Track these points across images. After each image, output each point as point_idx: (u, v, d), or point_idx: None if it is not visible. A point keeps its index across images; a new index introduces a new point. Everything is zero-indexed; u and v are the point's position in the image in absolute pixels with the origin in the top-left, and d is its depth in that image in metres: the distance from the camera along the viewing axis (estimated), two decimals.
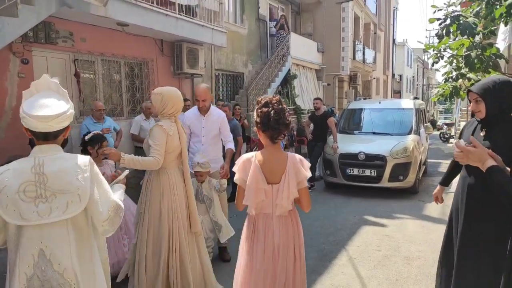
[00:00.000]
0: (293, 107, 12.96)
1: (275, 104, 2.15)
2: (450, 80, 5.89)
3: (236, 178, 2.22)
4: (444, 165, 10.15)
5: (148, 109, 6.37)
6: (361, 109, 8.95)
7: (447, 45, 5.70)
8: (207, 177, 3.85)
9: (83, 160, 1.74)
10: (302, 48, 14.13)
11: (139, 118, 6.29)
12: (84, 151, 3.55)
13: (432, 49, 5.77)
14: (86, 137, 3.50)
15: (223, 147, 4.16)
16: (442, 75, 6.23)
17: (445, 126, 21.53)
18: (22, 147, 5.26)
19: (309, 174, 2.18)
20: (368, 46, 20.76)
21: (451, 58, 5.80)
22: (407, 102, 8.76)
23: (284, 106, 2.19)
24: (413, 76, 40.26)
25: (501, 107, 2.19)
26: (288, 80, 13.07)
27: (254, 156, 2.18)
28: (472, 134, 2.32)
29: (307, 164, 2.21)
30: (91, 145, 3.46)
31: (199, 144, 4.00)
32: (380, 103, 9.13)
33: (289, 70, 13.07)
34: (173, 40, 8.46)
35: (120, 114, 7.84)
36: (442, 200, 2.86)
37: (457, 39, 5.56)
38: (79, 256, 1.70)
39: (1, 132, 5.72)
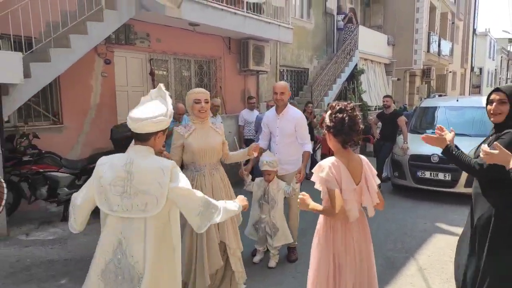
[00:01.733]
0: (359, 103, 12.53)
1: (350, 111, 2.21)
2: None
3: (326, 182, 2.15)
4: None
5: (215, 106, 6.57)
6: (435, 107, 8.38)
7: None
8: (276, 179, 3.86)
9: (166, 164, 1.84)
10: (370, 42, 13.58)
11: None
12: None
13: None
14: None
15: None
16: None
17: None
18: (104, 140, 5.76)
19: (375, 171, 2.35)
20: (444, 38, 19.34)
21: None
22: None
23: (357, 113, 2.25)
24: (495, 69, 36.77)
25: None
26: (354, 75, 12.66)
27: (335, 160, 2.22)
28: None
29: (372, 168, 2.37)
30: None
31: (274, 144, 4.03)
32: (457, 100, 8.47)
33: (356, 65, 12.65)
34: (240, 37, 8.61)
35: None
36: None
37: None
38: (153, 253, 1.79)
39: (86, 126, 6.28)
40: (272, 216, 3.80)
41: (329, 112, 2.28)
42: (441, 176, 6.50)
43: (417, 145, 6.96)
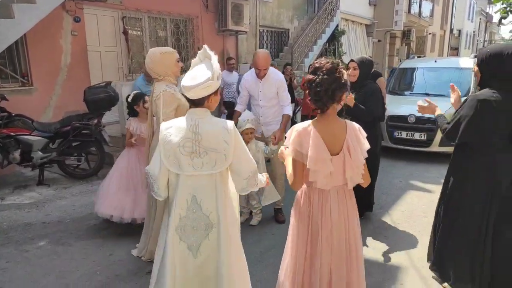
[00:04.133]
0: (342, 66, 12.44)
1: (324, 72, 1.93)
2: None
3: (289, 151, 2.03)
4: None
5: None
6: (414, 69, 8.43)
7: None
8: (253, 140, 3.84)
9: (229, 124, 1.95)
10: (352, 2, 13.33)
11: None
12: (131, 111, 3.73)
13: (500, 2, 5.18)
14: (129, 99, 3.70)
15: None
16: (510, 31, 5.64)
17: None
18: (77, 103, 5.57)
19: (367, 143, 2.01)
20: None
21: None
22: (466, 61, 8.10)
23: (338, 75, 1.93)
24: (473, 31, 36.91)
25: None
26: (335, 36, 12.48)
27: (310, 125, 1.99)
28: None
29: (364, 133, 2.03)
30: (135, 104, 3.64)
31: (257, 107, 3.97)
32: (436, 62, 8.52)
33: (337, 25, 12.45)
34: None
35: None
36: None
37: None
38: (223, 203, 1.97)
39: (58, 89, 6.04)
40: None
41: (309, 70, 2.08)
42: (417, 136, 6.64)
43: (394, 106, 7.04)
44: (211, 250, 1.97)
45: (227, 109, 7.20)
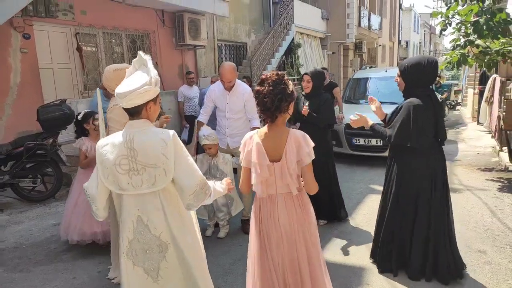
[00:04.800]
0: (298, 77, 12.81)
1: (270, 83, 1.99)
2: (458, 47, 5.75)
3: (240, 159, 2.15)
4: (451, 133, 10.13)
5: None
6: (366, 78, 8.85)
7: (455, 11, 5.54)
8: (218, 152, 3.85)
9: (167, 134, 1.80)
10: (306, 16, 13.82)
11: None
12: (80, 130, 3.63)
13: (440, 15, 5.61)
14: (79, 117, 3.64)
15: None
16: (450, 42, 6.09)
17: (455, 93, 21.21)
18: (29, 122, 5.33)
19: (312, 153, 2.05)
20: (374, 12, 20.23)
21: (459, 25, 5.65)
22: None
23: (283, 87, 2.00)
24: (419, 42, 39.37)
25: None
26: (292, 49, 12.86)
27: (255, 133, 2.10)
28: None
29: (310, 142, 2.08)
30: (85, 122, 3.57)
31: (224, 119, 3.98)
32: (386, 71, 9.00)
33: (293, 39, 12.84)
34: (174, 10, 8.31)
35: None
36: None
37: (466, 5, 5.40)
38: (173, 220, 1.84)
39: (8, 109, 5.76)
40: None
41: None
42: (373, 142, 6.95)
43: (351, 114, 7.29)
44: (173, 272, 1.85)
45: (189, 123, 7.17)
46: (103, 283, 3.04)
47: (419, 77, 2.80)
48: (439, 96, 11.17)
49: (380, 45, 23.40)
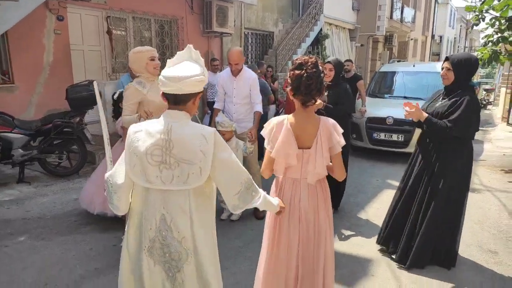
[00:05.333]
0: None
1: (309, 67, 2.01)
2: (490, 43, 5.56)
3: (266, 143, 2.14)
4: (480, 133, 9.81)
5: None
6: (393, 72, 8.67)
7: (490, 6, 5.33)
8: (234, 138, 3.94)
9: (208, 131, 1.66)
10: (336, 6, 13.57)
11: None
12: (116, 109, 3.76)
13: (474, 10, 5.42)
14: (114, 96, 3.72)
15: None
16: (482, 38, 5.89)
17: (484, 92, 20.46)
18: (59, 102, 5.57)
19: (342, 140, 2.10)
20: (407, 5, 19.61)
21: (493, 20, 5.44)
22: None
23: (321, 69, 2.06)
24: (454, 38, 37.87)
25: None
26: (319, 40, 12.70)
27: (286, 119, 2.09)
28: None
29: (340, 129, 2.12)
30: (120, 101, 3.66)
31: (231, 105, 4.13)
32: (414, 66, 8.77)
33: (321, 29, 12.67)
34: None
35: None
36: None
37: None
38: (200, 226, 1.68)
39: (39, 87, 6.03)
40: None
41: (291, 67, 2.11)
42: (395, 137, 6.85)
43: (374, 108, 7.24)
44: (189, 282, 1.70)
45: (211, 110, 7.27)
46: (117, 256, 3.19)
47: (471, 71, 2.97)
48: None
49: (412, 39, 22.71)
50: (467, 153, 3.04)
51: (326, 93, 4.08)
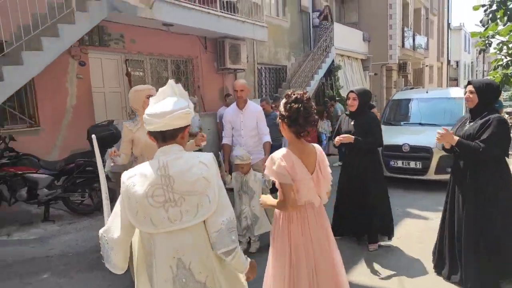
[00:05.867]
0: (338, 98, 12.79)
1: (305, 102, 2.16)
2: (500, 68, 5.58)
3: (277, 175, 2.14)
4: None
5: (194, 105, 6.68)
6: (407, 99, 8.69)
7: (496, 31, 5.40)
8: (251, 171, 4.03)
9: (207, 156, 1.60)
10: (346, 38, 13.87)
11: None
12: None
13: (479, 36, 5.50)
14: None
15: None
16: (492, 62, 5.92)
17: (506, 115, 20.05)
18: (82, 142, 5.81)
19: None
20: (419, 33, 19.82)
21: (500, 45, 5.50)
22: (457, 91, 8.36)
23: (312, 104, 2.22)
24: (471, 62, 37.75)
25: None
26: (332, 71, 12.92)
27: (287, 151, 2.18)
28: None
29: (321, 151, 2.34)
30: None
31: (240, 138, 4.29)
32: (427, 92, 8.79)
33: (333, 61, 12.90)
34: (216, 37, 8.74)
35: None
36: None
37: (507, 24, 5.26)
38: (218, 260, 1.58)
39: (63, 129, 6.32)
40: (252, 206, 3.99)
41: (284, 100, 2.20)
42: (412, 164, 6.77)
43: (389, 136, 7.20)
44: None
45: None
46: None
47: (494, 93, 3.12)
48: None
49: (427, 66, 22.77)
50: (502, 172, 3.08)
51: (352, 123, 4.04)
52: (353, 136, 3.86)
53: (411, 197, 6.29)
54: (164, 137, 1.59)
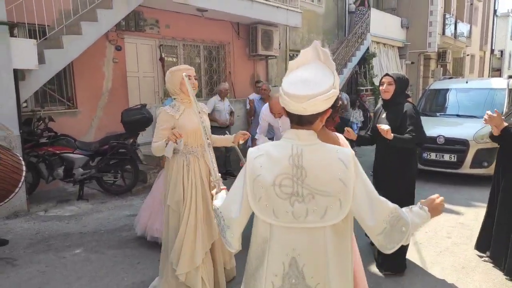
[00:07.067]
0: (371, 87, 12.48)
1: None
2: None
3: None
4: None
5: (224, 91, 6.71)
6: (445, 90, 8.33)
7: None
8: None
9: (346, 153, 1.37)
10: (383, 25, 13.41)
11: (214, 99, 6.67)
12: None
13: None
14: None
15: None
16: None
17: None
18: (117, 124, 6.01)
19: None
20: (461, 20, 18.82)
21: None
22: (499, 82, 7.92)
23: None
24: None
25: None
26: (366, 59, 12.57)
27: None
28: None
29: (344, 141, 2.17)
30: None
31: (278, 131, 4.16)
32: (467, 82, 8.38)
33: (368, 48, 12.54)
34: (249, 22, 8.70)
35: (199, 95, 8.38)
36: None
37: None
38: (337, 269, 1.39)
39: (99, 112, 6.56)
40: None
41: None
42: (446, 157, 6.53)
43: (424, 127, 6.92)
44: None
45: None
46: None
47: None
48: None
49: (468, 55, 21.64)
50: None
51: (384, 115, 3.35)
52: (393, 134, 3.04)
53: (443, 190, 6.07)
54: (300, 121, 1.38)
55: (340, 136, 2.21)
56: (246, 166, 1.42)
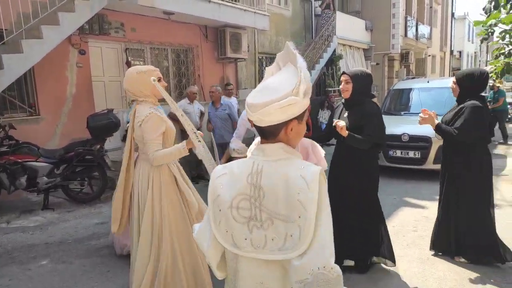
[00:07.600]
0: (338, 88, 12.75)
1: None
2: (502, 56, 5.54)
3: None
4: (504, 147, 9.57)
5: (192, 94, 6.67)
6: (408, 89, 8.65)
7: (498, 19, 5.36)
8: None
9: (311, 170, 1.13)
10: (348, 27, 13.77)
11: (183, 102, 6.61)
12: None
13: (481, 25, 5.45)
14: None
15: None
16: (493, 51, 5.88)
17: (508, 106, 19.89)
18: (82, 130, 5.85)
19: (323, 162, 2.13)
20: (422, 22, 19.61)
21: (503, 33, 5.45)
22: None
23: None
24: (475, 52, 37.37)
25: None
26: (333, 60, 12.85)
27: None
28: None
29: (320, 150, 2.13)
30: None
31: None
32: (428, 82, 8.75)
33: (335, 50, 12.83)
34: (217, 25, 8.70)
35: None
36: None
37: (509, 13, 5.21)
38: None
39: (63, 118, 6.35)
40: None
41: None
42: (411, 154, 6.78)
43: (389, 125, 7.12)
44: None
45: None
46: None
47: (472, 85, 3.21)
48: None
49: (429, 56, 22.57)
50: (476, 165, 3.27)
51: (345, 115, 3.20)
52: (347, 132, 3.00)
53: (408, 186, 6.32)
54: (262, 133, 1.21)
55: (316, 145, 2.11)
56: (209, 186, 1.26)
